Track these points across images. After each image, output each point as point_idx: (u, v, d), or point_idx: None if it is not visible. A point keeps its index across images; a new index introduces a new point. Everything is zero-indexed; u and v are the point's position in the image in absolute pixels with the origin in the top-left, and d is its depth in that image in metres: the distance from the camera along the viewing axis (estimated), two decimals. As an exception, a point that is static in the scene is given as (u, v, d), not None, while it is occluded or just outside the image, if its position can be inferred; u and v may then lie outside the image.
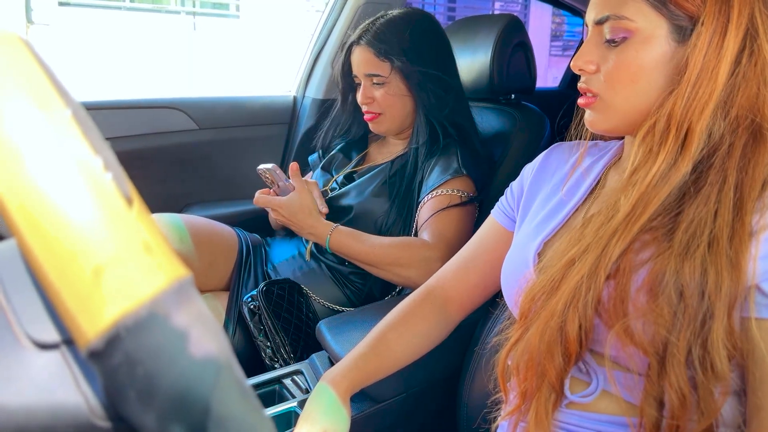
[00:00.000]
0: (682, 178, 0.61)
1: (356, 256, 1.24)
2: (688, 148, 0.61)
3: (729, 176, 0.59)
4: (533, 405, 0.66)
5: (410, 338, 0.89)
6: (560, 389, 0.65)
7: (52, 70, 0.27)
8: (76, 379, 0.26)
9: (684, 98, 0.61)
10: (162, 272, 0.24)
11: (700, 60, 0.60)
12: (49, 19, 6.45)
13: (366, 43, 1.36)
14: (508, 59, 1.53)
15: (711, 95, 0.60)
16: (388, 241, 1.22)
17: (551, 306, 0.63)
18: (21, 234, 0.24)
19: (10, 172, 0.24)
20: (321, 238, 1.26)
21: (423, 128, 1.37)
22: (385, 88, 1.36)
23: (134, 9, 7.38)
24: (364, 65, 1.36)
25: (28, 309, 0.27)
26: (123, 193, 0.25)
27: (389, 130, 1.42)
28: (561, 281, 0.64)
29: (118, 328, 0.23)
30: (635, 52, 0.64)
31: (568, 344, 0.62)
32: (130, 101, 1.72)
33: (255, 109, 1.93)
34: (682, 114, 0.61)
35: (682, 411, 0.56)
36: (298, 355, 1.19)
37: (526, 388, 0.67)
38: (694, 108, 0.60)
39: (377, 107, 1.38)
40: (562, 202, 0.78)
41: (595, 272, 0.61)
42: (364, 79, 1.38)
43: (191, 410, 0.24)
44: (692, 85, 0.61)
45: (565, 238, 0.69)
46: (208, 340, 0.24)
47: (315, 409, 0.79)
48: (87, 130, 0.26)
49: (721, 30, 0.60)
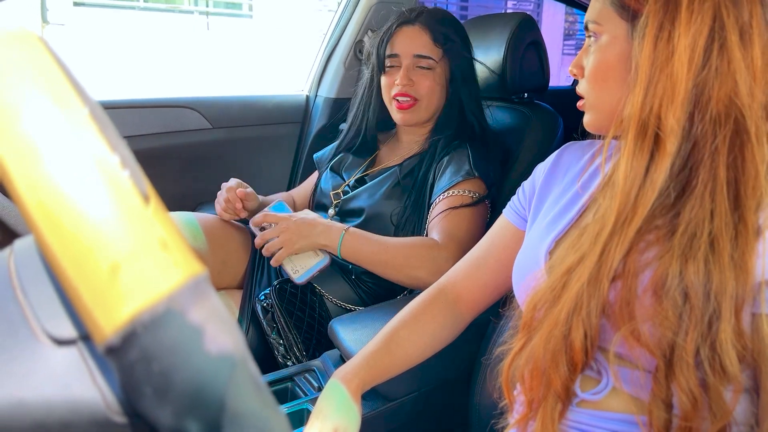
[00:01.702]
0: (666, 177, 0.59)
1: (368, 255, 1.21)
2: (662, 147, 0.59)
3: (719, 174, 0.58)
4: (539, 414, 0.65)
5: (421, 336, 0.89)
6: (566, 398, 0.65)
7: (69, 69, 0.28)
8: (93, 374, 0.26)
9: (641, 95, 0.60)
10: (178, 269, 0.24)
11: (649, 55, 0.60)
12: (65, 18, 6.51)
13: (423, 23, 1.35)
14: (521, 58, 1.53)
15: (674, 90, 0.58)
16: (398, 241, 1.21)
17: (554, 315, 0.63)
18: (39, 230, 0.24)
19: (29, 169, 0.24)
20: (335, 240, 1.22)
21: (452, 121, 1.37)
22: (428, 74, 1.35)
23: (148, 9, 7.43)
24: (415, 46, 1.34)
25: (46, 305, 0.28)
26: (140, 191, 0.25)
27: (420, 120, 1.40)
28: (562, 290, 0.63)
29: (134, 324, 0.23)
30: (602, 53, 0.69)
31: (574, 353, 0.62)
32: (144, 100, 1.73)
33: (268, 108, 1.94)
34: (644, 111, 0.60)
35: (694, 413, 0.55)
36: (310, 353, 1.20)
37: (532, 397, 0.66)
38: (655, 105, 0.59)
39: (416, 92, 1.35)
40: (576, 196, 0.78)
41: (597, 279, 0.60)
42: (410, 60, 1.35)
43: (207, 406, 0.24)
44: (647, 82, 0.60)
45: (567, 242, 0.68)
46: (224, 336, 0.25)
47: (326, 407, 0.79)
48: (104, 128, 0.26)
49: (669, 24, 0.59)
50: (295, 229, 1.23)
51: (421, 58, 1.34)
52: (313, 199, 1.55)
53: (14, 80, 0.25)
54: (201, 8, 7.63)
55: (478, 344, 1.03)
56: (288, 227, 1.23)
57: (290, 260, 1.23)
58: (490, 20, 1.63)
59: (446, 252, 1.17)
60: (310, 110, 1.99)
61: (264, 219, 1.27)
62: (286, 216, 1.26)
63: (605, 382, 0.66)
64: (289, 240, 1.22)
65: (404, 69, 1.35)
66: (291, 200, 1.60)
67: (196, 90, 2.02)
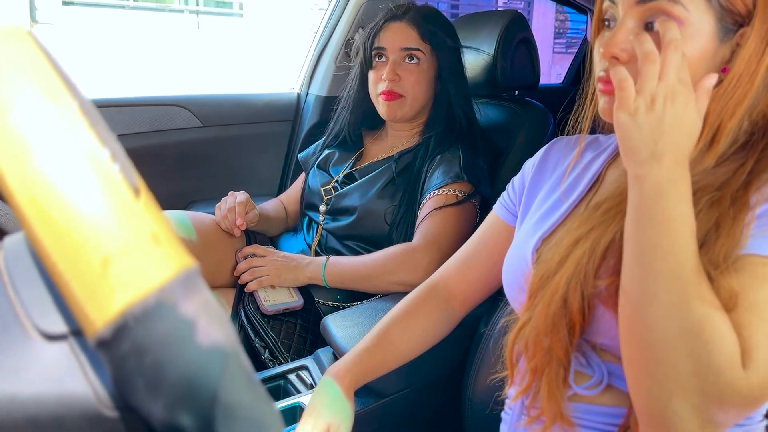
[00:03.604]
0: (703, 171, 0.62)
1: (350, 275, 1.24)
2: (715, 146, 0.62)
3: (747, 164, 0.62)
4: (544, 381, 0.67)
5: (414, 333, 0.89)
6: (567, 364, 0.66)
7: (59, 64, 0.27)
8: (84, 369, 0.26)
9: (722, 99, 0.61)
10: (169, 262, 0.25)
11: (744, 62, 0.60)
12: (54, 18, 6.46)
13: (410, 19, 1.35)
14: (511, 55, 1.53)
15: (745, 98, 0.61)
16: (375, 254, 1.24)
17: (555, 282, 0.65)
18: (30, 225, 0.24)
19: (20, 164, 0.24)
20: (318, 270, 1.26)
21: (442, 118, 1.37)
22: (415, 69, 1.35)
23: (138, 8, 7.39)
24: (402, 39, 1.34)
25: (36, 301, 0.28)
26: (130, 184, 0.25)
27: (405, 115, 1.39)
28: (567, 259, 0.65)
29: (126, 317, 0.23)
30: (683, 44, 0.59)
31: (572, 315, 0.64)
32: (134, 99, 1.73)
33: (259, 106, 1.94)
34: (717, 114, 0.61)
35: None
36: (305, 352, 1.20)
37: (535, 364, 0.68)
38: (729, 108, 0.61)
39: (401, 88, 1.35)
40: (560, 199, 0.79)
41: (597, 246, 0.63)
42: (396, 54, 1.35)
43: (199, 399, 0.24)
44: (732, 87, 0.61)
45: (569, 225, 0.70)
46: (216, 329, 0.25)
47: (319, 403, 0.79)
48: (94, 122, 0.26)
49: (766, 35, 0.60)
50: (283, 261, 1.29)
51: (408, 51, 1.34)
52: (302, 200, 1.55)
53: (4, 75, 0.25)
54: (191, 7, 7.60)
55: (470, 340, 1.03)
56: (277, 259, 1.30)
57: (265, 291, 1.27)
58: (481, 18, 1.63)
59: (422, 251, 1.19)
60: (302, 108, 1.99)
61: (254, 251, 1.33)
62: (274, 250, 1.34)
63: (597, 377, 0.67)
64: (276, 270, 1.27)
65: (391, 63, 1.35)
66: (281, 207, 1.60)
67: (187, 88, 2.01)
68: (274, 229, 1.56)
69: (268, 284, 1.26)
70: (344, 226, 1.36)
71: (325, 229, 1.41)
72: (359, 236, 1.36)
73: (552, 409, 0.66)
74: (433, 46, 1.35)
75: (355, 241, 1.36)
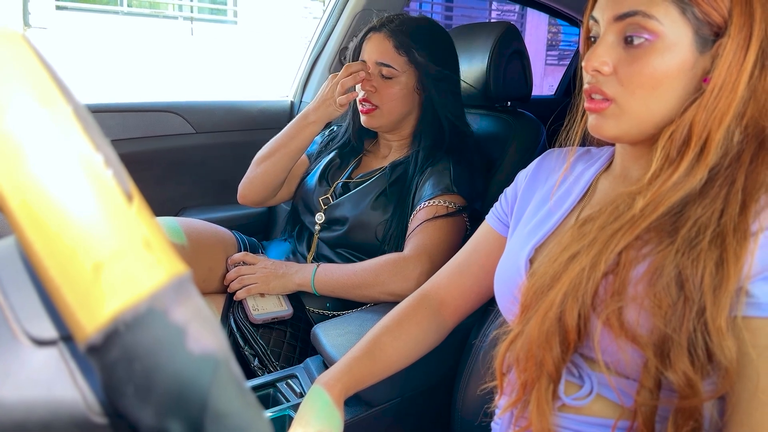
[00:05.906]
0: (697, 184, 0.62)
1: (340, 283, 1.23)
2: (705, 157, 0.62)
3: (737, 180, 0.61)
4: (533, 395, 0.66)
5: (404, 342, 0.89)
6: (558, 379, 0.66)
7: (53, 68, 0.27)
8: (74, 375, 0.26)
9: (706, 109, 0.62)
10: (161, 268, 0.25)
11: (724, 71, 0.61)
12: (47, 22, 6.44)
13: (388, 32, 1.35)
14: (504, 67, 1.54)
15: (729, 107, 0.61)
16: (366, 262, 1.24)
17: (550, 298, 0.64)
18: (22, 230, 0.24)
19: (12, 168, 0.24)
20: (308, 276, 1.26)
21: (429, 130, 1.37)
22: (391, 82, 1.35)
23: (132, 14, 7.38)
24: (377, 53, 1.35)
25: (26, 306, 0.28)
26: (123, 190, 0.25)
27: (382, 126, 1.40)
28: (563, 274, 0.64)
29: (116, 323, 0.23)
30: (661, 58, 0.62)
31: (567, 333, 0.63)
32: (127, 104, 1.72)
33: (252, 113, 1.94)
34: (703, 124, 0.62)
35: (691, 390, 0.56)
36: (295, 361, 1.19)
37: (525, 378, 0.67)
38: (714, 118, 0.61)
39: (376, 99, 1.36)
40: (551, 210, 0.79)
41: (597, 264, 0.62)
42: (372, 67, 1.36)
43: (189, 405, 0.24)
44: (715, 96, 0.61)
45: (560, 238, 0.69)
46: (206, 336, 0.25)
47: (309, 412, 0.79)
48: (88, 127, 0.26)
49: (745, 43, 0.61)
50: (272, 268, 1.29)
51: (383, 66, 1.34)
52: (298, 199, 1.54)
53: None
54: (185, 14, 7.59)
55: (460, 350, 1.03)
56: (266, 266, 1.30)
57: (254, 299, 1.26)
58: (474, 29, 1.64)
59: (413, 262, 1.18)
60: (295, 116, 1.99)
61: (243, 258, 1.33)
62: (264, 258, 1.33)
63: (587, 388, 0.67)
64: (265, 278, 1.27)
65: (369, 75, 1.36)
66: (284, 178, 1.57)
67: (180, 95, 2.00)
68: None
69: (257, 292, 1.26)
70: (336, 236, 1.37)
71: (318, 238, 1.41)
72: (351, 245, 1.36)
73: (540, 423, 0.65)
74: (410, 58, 1.34)
75: (346, 249, 1.36)
